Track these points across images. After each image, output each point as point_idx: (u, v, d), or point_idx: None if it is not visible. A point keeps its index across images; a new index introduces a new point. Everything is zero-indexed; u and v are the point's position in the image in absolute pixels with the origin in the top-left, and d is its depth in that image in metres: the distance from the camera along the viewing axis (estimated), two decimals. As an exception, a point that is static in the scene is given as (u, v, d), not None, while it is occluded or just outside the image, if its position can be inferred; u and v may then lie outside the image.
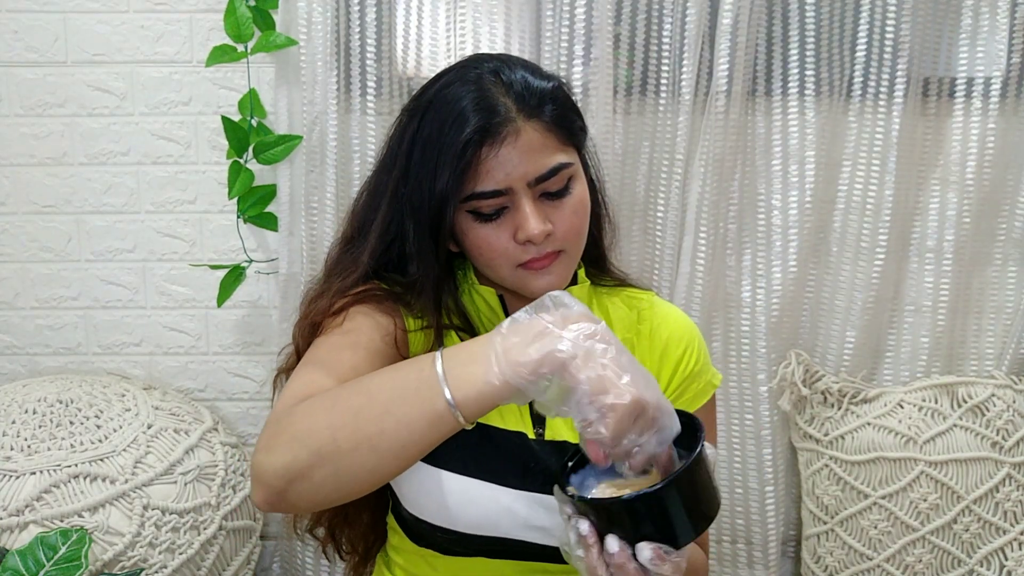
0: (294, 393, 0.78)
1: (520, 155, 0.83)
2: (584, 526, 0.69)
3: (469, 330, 0.92)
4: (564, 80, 0.92)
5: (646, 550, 0.67)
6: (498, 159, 0.83)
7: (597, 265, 1.03)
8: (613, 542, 0.68)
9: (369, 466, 0.69)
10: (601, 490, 0.75)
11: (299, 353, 0.92)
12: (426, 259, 0.88)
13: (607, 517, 0.69)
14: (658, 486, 0.66)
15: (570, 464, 0.77)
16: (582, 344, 0.66)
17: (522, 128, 0.83)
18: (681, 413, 0.72)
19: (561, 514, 0.72)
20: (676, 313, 1.01)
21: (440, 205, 0.84)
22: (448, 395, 0.67)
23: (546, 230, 0.85)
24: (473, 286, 0.94)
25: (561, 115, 0.86)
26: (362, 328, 0.87)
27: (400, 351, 0.89)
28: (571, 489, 0.74)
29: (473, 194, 0.84)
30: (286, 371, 0.98)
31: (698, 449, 0.68)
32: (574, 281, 0.97)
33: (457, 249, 0.92)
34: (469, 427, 0.69)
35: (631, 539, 0.68)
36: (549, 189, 0.85)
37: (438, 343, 0.89)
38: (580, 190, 0.88)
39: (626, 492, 0.68)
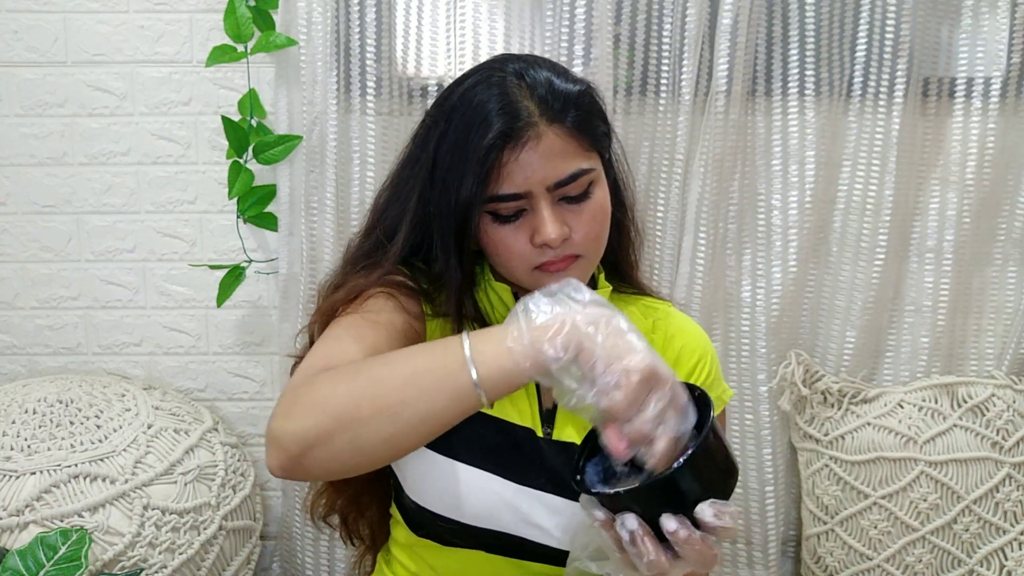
0: (313, 364, 0.78)
1: (540, 159, 0.83)
2: (632, 521, 0.66)
3: (484, 326, 0.92)
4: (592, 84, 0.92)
5: (707, 510, 0.65)
6: (518, 163, 0.83)
7: (617, 271, 1.02)
8: (670, 520, 0.65)
9: (387, 435, 0.69)
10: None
11: (313, 342, 0.92)
12: (450, 263, 0.88)
13: (658, 497, 0.66)
14: (700, 439, 0.65)
15: (578, 477, 0.75)
16: (600, 318, 0.67)
17: (544, 132, 0.83)
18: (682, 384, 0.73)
19: (592, 522, 0.70)
20: (691, 325, 1.02)
21: (465, 212, 0.84)
22: (472, 370, 0.68)
23: (563, 234, 0.85)
24: (489, 282, 0.95)
25: (584, 120, 0.86)
26: (382, 310, 0.87)
27: (419, 336, 0.89)
28: (599, 484, 0.72)
29: (493, 196, 0.84)
30: (301, 358, 0.98)
31: (711, 408, 0.69)
32: (594, 286, 0.97)
33: (477, 248, 0.92)
34: (489, 409, 0.70)
35: (684, 511, 0.66)
36: (568, 194, 0.85)
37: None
38: (600, 196, 0.88)
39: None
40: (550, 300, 0.70)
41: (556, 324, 0.67)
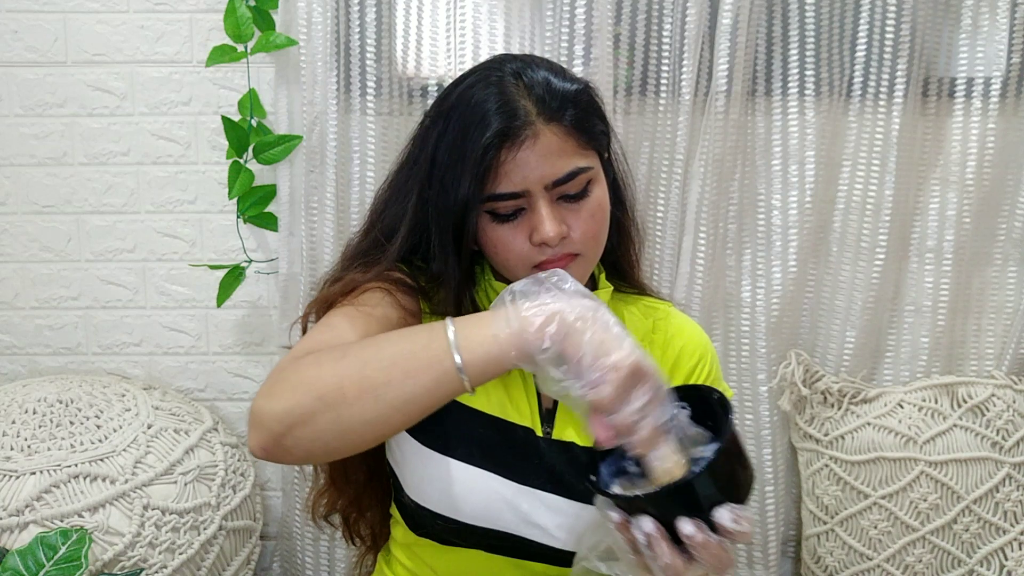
0: (301, 348, 0.78)
1: (538, 158, 0.83)
2: (648, 523, 0.67)
3: None
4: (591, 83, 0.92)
5: (725, 514, 0.65)
6: (516, 162, 0.83)
7: (617, 270, 1.02)
8: (687, 524, 0.66)
9: (371, 417, 0.70)
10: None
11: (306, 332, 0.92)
12: (448, 262, 0.88)
13: (677, 502, 0.66)
14: (720, 445, 0.66)
15: (592, 477, 0.75)
16: (587, 312, 0.68)
17: (541, 131, 0.83)
18: (699, 388, 0.73)
19: (605, 523, 0.70)
20: (692, 325, 1.02)
21: (463, 211, 0.85)
22: (456, 355, 0.69)
23: (561, 232, 0.85)
24: (489, 282, 0.95)
25: (582, 119, 0.86)
26: (378, 304, 0.88)
27: None
28: (617, 489, 0.72)
29: (491, 195, 0.84)
30: None
31: (731, 414, 0.69)
32: (595, 286, 0.97)
33: (477, 248, 0.92)
34: (472, 394, 0.71)
35: (700, 515, 0.66)
36: (567, 192, 0.85)
37: None
38: (599, 194, 0.88)
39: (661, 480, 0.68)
40: (536, 288, 0.72)
41: (544, 315, 0.68)
